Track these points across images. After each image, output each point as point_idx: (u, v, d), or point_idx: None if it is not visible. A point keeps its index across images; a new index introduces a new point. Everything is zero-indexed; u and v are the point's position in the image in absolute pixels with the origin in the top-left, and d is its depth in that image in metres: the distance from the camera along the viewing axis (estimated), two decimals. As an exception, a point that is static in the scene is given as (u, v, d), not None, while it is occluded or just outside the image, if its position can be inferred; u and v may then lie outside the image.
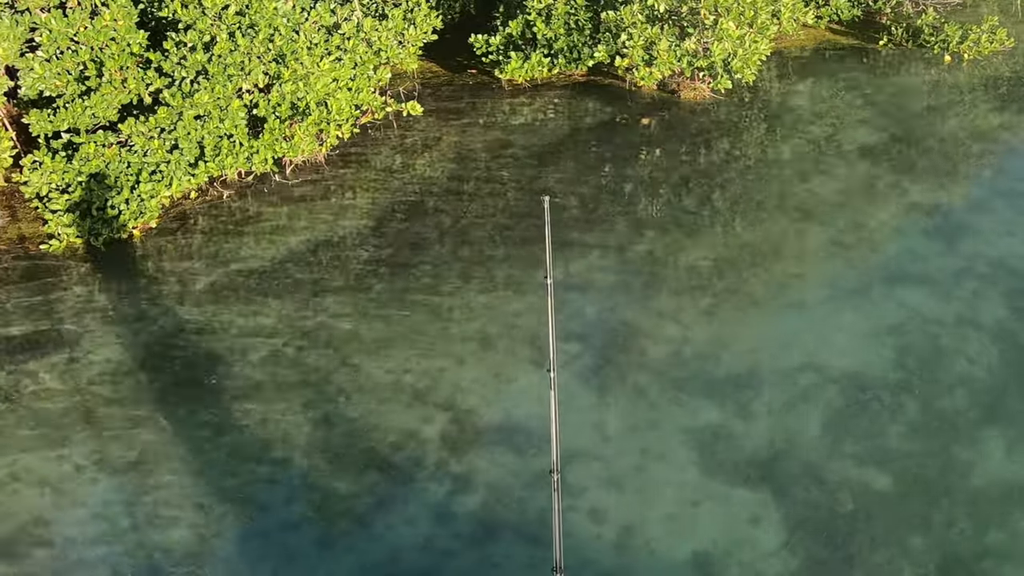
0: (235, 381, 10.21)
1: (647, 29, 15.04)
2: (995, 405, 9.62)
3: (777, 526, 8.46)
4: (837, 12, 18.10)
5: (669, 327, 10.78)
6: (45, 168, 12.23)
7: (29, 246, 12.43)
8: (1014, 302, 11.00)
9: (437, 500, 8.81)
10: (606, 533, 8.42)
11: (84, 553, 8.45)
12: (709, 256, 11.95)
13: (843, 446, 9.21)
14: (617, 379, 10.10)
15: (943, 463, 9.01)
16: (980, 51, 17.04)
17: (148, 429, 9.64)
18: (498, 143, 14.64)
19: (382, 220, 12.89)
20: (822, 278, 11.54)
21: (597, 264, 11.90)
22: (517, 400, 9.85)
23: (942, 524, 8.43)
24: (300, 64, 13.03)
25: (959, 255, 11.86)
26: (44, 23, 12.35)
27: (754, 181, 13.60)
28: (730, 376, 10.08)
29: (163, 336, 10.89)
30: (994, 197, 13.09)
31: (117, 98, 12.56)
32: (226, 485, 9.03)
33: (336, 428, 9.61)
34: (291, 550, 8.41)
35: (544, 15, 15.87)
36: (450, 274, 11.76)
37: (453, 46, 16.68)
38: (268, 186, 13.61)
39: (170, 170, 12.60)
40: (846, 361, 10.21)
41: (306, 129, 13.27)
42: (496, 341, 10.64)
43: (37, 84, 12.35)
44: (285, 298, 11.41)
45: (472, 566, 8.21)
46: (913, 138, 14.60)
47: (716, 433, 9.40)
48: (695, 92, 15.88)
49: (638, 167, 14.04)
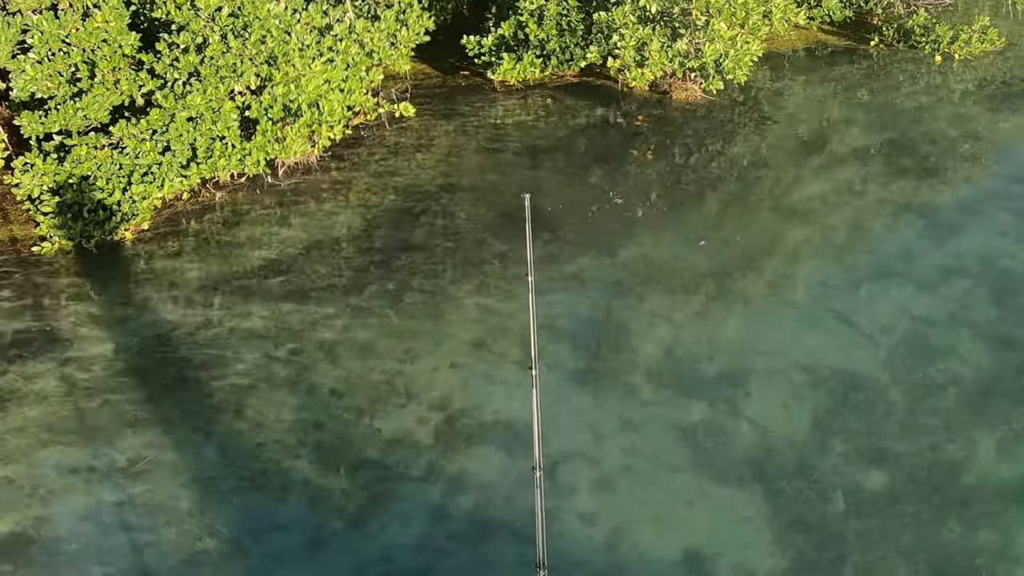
0: (227, 382, 10.20)
1: (639, 30, 15.08)
2: (986, 404, 9.65)
3: (768, 525, 8.47)
4: (829, 13, 18.17)
5: (660, 326, 10.80)
6: (37, 170, 12.22)
7: (20, 248, 12.42)
8: (1005, 301, 11.04)
9: (429, 499, 8.82)
10: (596, 533, 8.43)
11: (76, 555, 8.44)
12: (700, 256, 11.97)
13: (834, 445, 9.23)
14: (607, 378, 10.12)
15: (934, 462, 9.03)
16: (971, 51, 17.12)
17: (140, 430, 9.64)
18: (490, 144, 14.66)
19: (374, 221, 12.90)
20: (813, 278, 11.57)
21: (587, 264, 11.92)
22: (509, 400, 9.86)
23: (933, 523, 8.45)
24: (292, 66, 13.04)
25: (950, 254, 11.90)
26: (36, 25, 12.35)
27: (745, 181, 13.64)
28: (720, 375, 10.10)
29: (155, 338, 10.89)
30: (985, 197, 13.15)
31: (109, 100, 12.56)
32: (218, 486, 9.03)
33: (328, 428, 9.61)
34: (284, 550, 8.41)
35: (536, 16, 15.90)
36: (442, 275, 11.77)
37: (445, 47, 16.72)
38: (260, 188, 13.61)
39: (162, 172, 12.59)
40: (837, 360, 10.24)
41: (298, 131, 13.28)
42: (488, 341, 10.65)
43: (29, 86, 12.34)
44: (277, 299, 11.42)
45: (464, 564, 8.22)
46: (904, 138, 14.65)
47: (707, 432, 9.42)
48: (687, 93, 15.92)
49: (629, 167, 14.07)
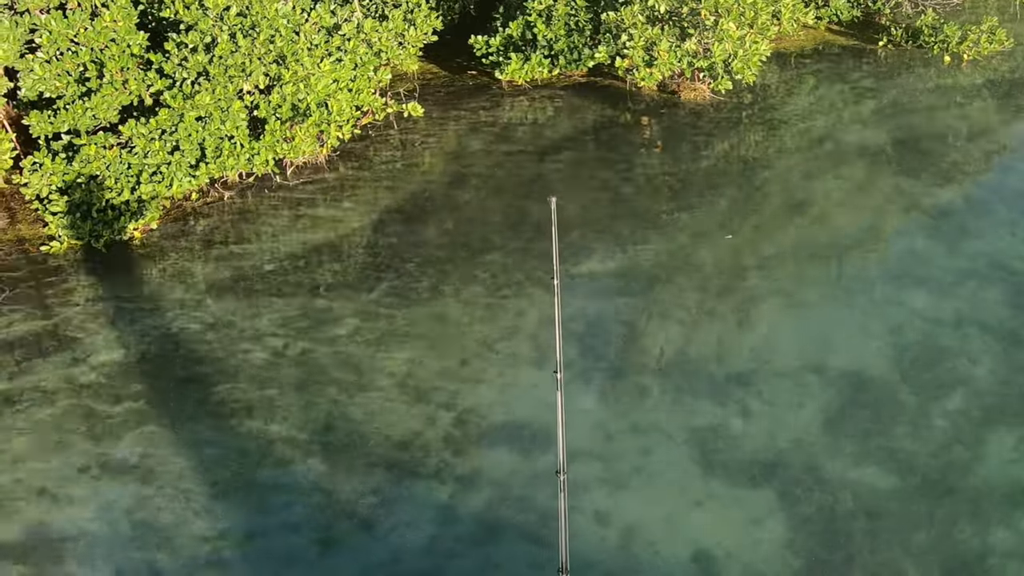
0: (237, 382, 10.19)
1: (647, 30, 15.06)
2: (997, 405, 9.62)
3: (780, 526, 8.46)
4: (837, 13, 18.15)
5: (672, 328, 10.78)
6: (45, 170, 12.22)
7: (29, 248, 12.42)
8: (1015, 302, 11.00)
9: (441, 501, 8.80)
10: (610, 534, 8.42)
11: (85, 555, 8.43)
12: (710, 257, 11.95)
13: (845, 446, 9.21)
14: (620, 380, 10.10)
15: (945, 463, 9.01)
16: (979, 52, 17.08)
17: (150, 430, 9.63)
18: (498, 144, 14.64)
19: (383, 221, 12.88)
20: (823, 278, 11.55)
21: (599, 265, 11.90)
22: (521, 401, 9.84)
23: (944, 524, 8.43)
24: (301, 65, 13.03)
25: (960, 255, 11.87)
26: (44, 24, 12.34)
27: (754, 182, 13.61)
28: (733, 376, 10.08)
29: (164, 337, 10.88)
30: (995, 197, 13.12)
31: (118, 99, 12.55)
32: (228, 486, 9.02)
33: (339, 428, 9.60)
34: (294, 550, 8.40)
35: (544, 16, 15.88)
36: (452, 274, 11.75)
37: (453, 47, 16.71)
38: (269, 187, 13.61)
39: (171, 171, 12.59)
40: (848, 361, 10.22)
41: (307, 130, 13.27)
42: (498, 342, 10.64)
43: (37, 85, 12.34)
44: (287, 299, 11.40)
45: (477, 567, 8.20)
46: (913, 138, 14.62)
47: (719, 433, 9.40)
48: (695, 93, 15.90)
49: (639, 168, 14.04)
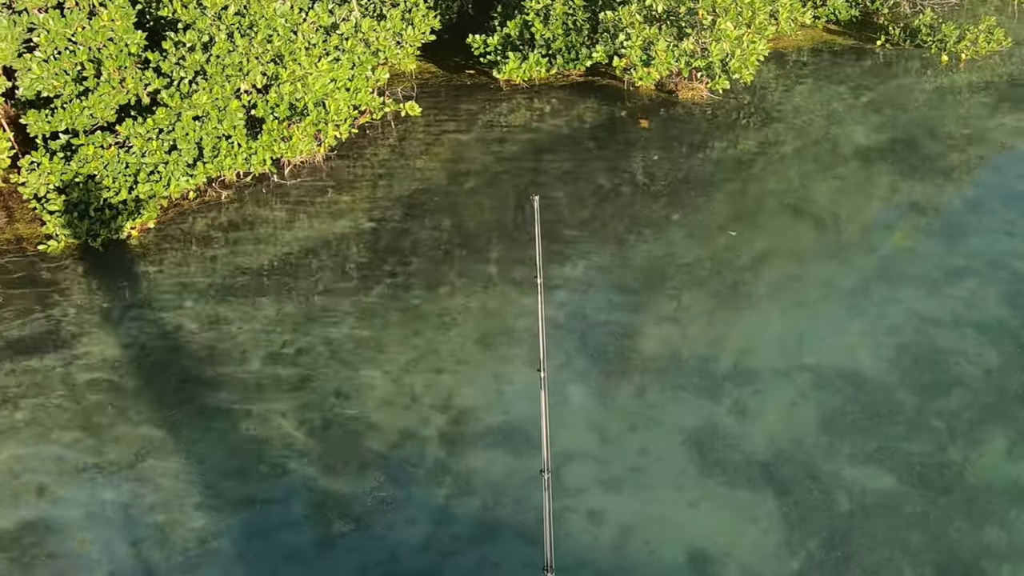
0: (234, 381, 10.20)
1: (645, 29, 15.06)
2: (994, 405, 9.63)
3: (775, 526, 8.46)
4: (835, 12, 18.13)
5: (667, 327, 10.79)
6: (43, 169, 12.22)
7: (27, 247, 12.42)
8: (1013, 302, 11.01)
9: (435, 500, 8.81)
10: (603, 534, 8.42)
11: (81, 552, 8.44)
12: (707, 256, 11.96)
13: (842, 446, 9.22)
14: (615, 379, 10.11)
15: (942, 463, 9.02)
16: (977, 51, 17.07)
17: (146, 429, 9.64)
18: (496, 143, 14.65)
19: (380, 221, 12.89)
20: (820, 278, 11.55)
21: (595, 264, 11.90)
22: (514, 401, 9.85)
23: (941, 523, 8.44)
24: (298, 64, 13.03)
25: (958, 254, 11.87)
26: (42, 23, 12.34)
27: (751, 181, 13.61)
28: (727, 376, 10.09)
29: (161, 337, 10.89)
30: (992, 197, 13.12)
31: (115, 98, 12.55)
32: (225, 485, 9.03)
33: (334, 428, 9.61)
34: (290, 550, 8.41)
35: (542, 15, 15.88)
36: (448, 275, 11.76)
37: (451, 47, 16.70)
38: (266, 187, 13.61)
39: (168, 171, 12.59)
40: (844, 361, 10.22)
41: (304, 130, 13.27)
42: (494, 342, 10.65)
43: (35, 84, 12.34)
44: (283, 299, 11.41)
45: (470, 565, 8.22)
46: (911, 138, 14.62)
47: (714, 433, 9.41)
48: (693, 92, 15.90)
49: (635, 167, 14.05)
